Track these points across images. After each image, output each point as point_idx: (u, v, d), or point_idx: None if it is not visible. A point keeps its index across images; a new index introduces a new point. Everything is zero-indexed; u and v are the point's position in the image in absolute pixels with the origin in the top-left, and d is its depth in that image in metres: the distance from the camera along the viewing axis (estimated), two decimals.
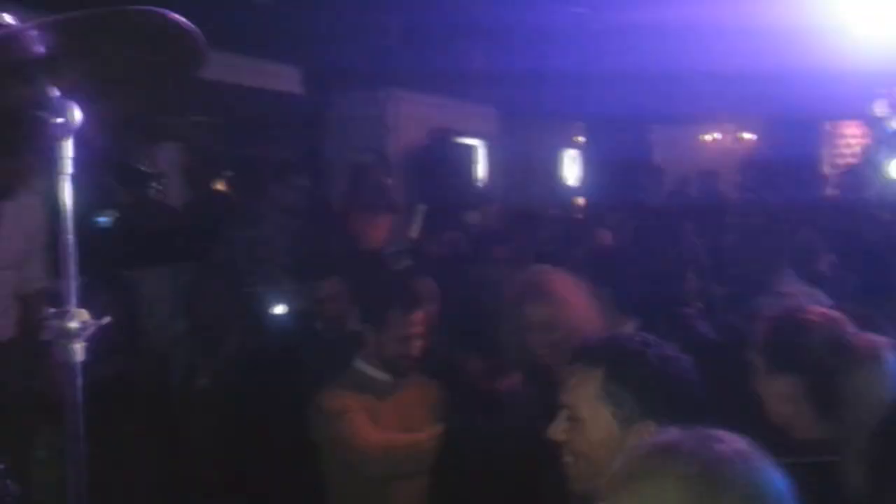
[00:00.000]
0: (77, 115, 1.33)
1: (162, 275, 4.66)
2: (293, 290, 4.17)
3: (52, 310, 1.33)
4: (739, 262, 4.10)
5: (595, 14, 6.95)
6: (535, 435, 2.46)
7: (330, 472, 2.72)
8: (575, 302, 2.52)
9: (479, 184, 7.86)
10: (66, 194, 1.32)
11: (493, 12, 6.73)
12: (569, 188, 9.39)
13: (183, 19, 1.26)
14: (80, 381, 1.35)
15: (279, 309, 4.19)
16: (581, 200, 8.68)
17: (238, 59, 5.38)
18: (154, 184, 5.55)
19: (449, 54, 7.14)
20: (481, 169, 8.06)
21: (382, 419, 2.60)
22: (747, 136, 9.55)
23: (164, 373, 3.76)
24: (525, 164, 8.75)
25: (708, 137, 9.76)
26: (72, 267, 1.33)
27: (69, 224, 1.31)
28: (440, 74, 7.10)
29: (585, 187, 8.97)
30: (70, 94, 1.33)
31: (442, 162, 6.89)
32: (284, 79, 6.24)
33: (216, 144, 5.97)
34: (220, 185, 5.69)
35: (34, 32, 1.26)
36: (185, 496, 3.58)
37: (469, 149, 7.72)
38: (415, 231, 5.03)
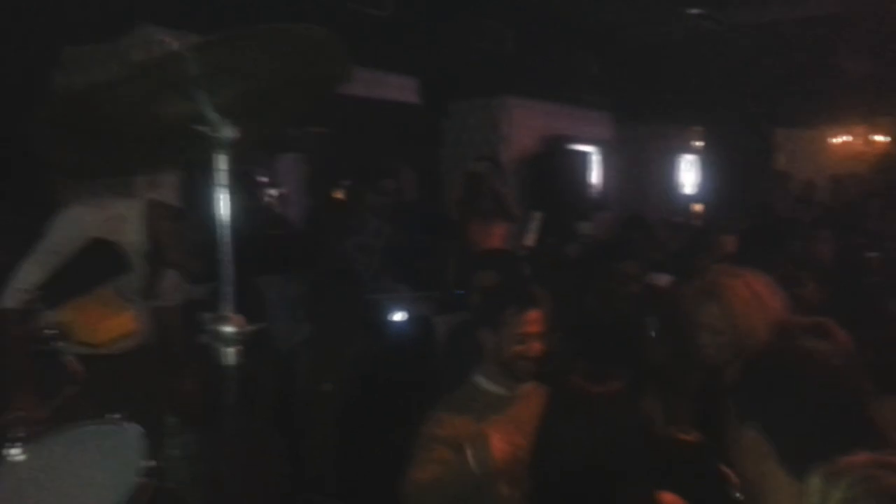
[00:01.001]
0: (231, 129, 1.40)
1: (286, 281, 4.83)
2: (414, 297, 4.23)
3: (209, 315, 1.40)
4: (878, 267, 3.89)
5: (713, 15, 6.76)
6: (637, 441, 2.44)
7: None
8: (752, 305, 2.42)
9: (595, 191, 7.75)
10: (223, 205, 1.39)
11: (607, 16, 6.66)
12: (686, 194, 9.13)
13: (334, 35, 1.30)
14: (234, 384, 1.40)
15: (400, 315, 4.26)
16: (699, 207, 8.42)
17: (356, 70, 5.51)
18: (275, 193, 5.78)
19: (563, 60, 7.10)
20: (597, 175, 7.95)
21: (493, 435, 2.59)
22: (880, 138, 9.01)
23: (288, 377, 3.87)
24: (641, 170, 8.58)
25: (836, 140, 9.28)
26: (228, 274, 1.39)
27: (226, 234, 1.37)
28: (555, 81, 7.06)
29: (704, 193, 8.70)
30: (225, 109, 1.40)
31: (557, 169, 6.83)
32: (401, 89, 6.35)
33: (335, 155, 6.14)
34: (339, 195, 5.84)
35: (192, 53, 1.33)
36: (306, 498, 3.67)
37: (584, 155, 7.63)
38: (530, 239, 5.00)
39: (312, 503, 3.71)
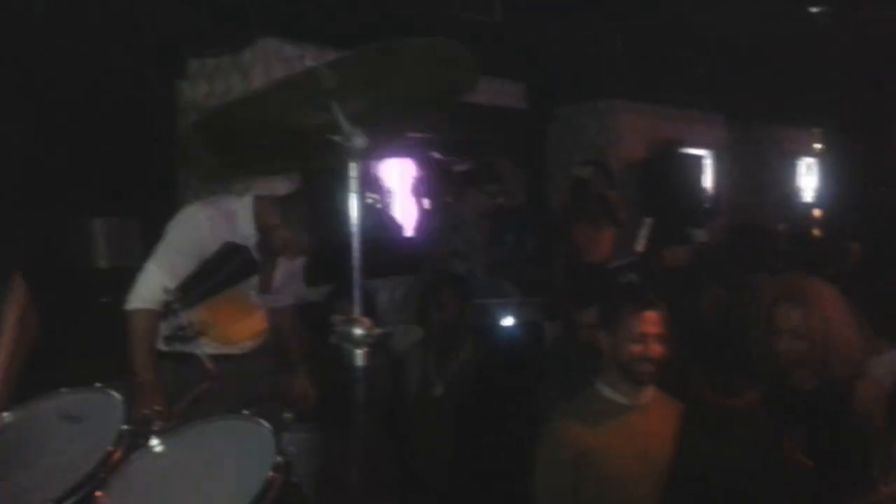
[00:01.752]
0: (363, 139, 1.46)
1: (396, 284, 4.92)
2: (523, 302, 4.23)
3: (339, 317, 1.45)
4: None
5: (834, 12, 6.46)
6: (778, 458, 2.37)
7: None
8: (831, 313, 2.39)
9: (708, 196, 7.55)
10: (356, 210, 1.44)
11: (720, 16, 6.47)
12: (805, 200, 8.79)
13: (462, 47, 1.34)
14: (363, 384, 1.45)
15: (510, 320, 4.27)
16: (819, 213, 8.08)
17: None
18: (381, 197, 5.87)
19: (674, 62, 6.95)
20: (710, 180, 7.75)
21: (616, 443, 2.56)
22: None
23: (399, 380, 3.94)
24: (757, 175, 8.30)
25: None
26: (358, 277, 1.44)
27: (358, 237, 1.43)
28: (665, 83, 6.92)
29: (824, 199, 8.34)
30: (357, 119, 1.46)
31: (667, 173, 6.69)
32: (508, 94, 6.36)
33: (448, 159, 6.20)
34: (448, 199, 5.89)
35: (329, 68, 1.40)
36: (414, 500, 3.73)
37: (696, 159, 7.45)
38: (640, 245, 4.92)
39: None
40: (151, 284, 2.57)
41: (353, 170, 1.45)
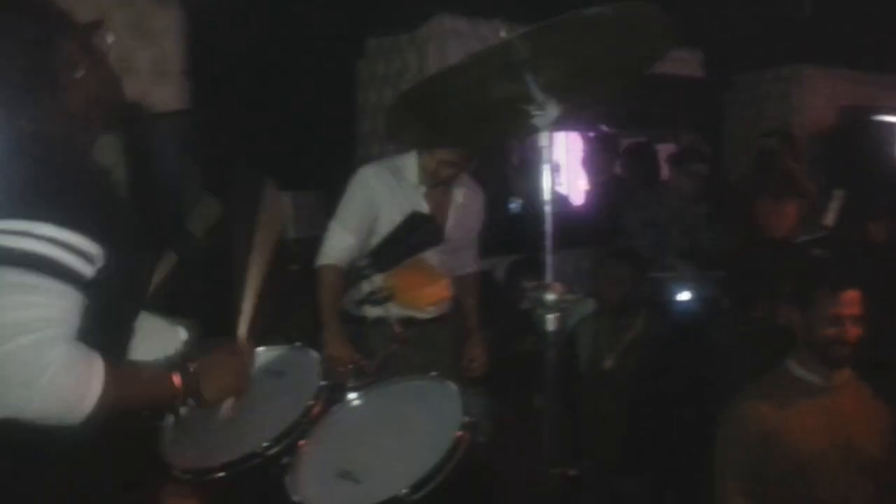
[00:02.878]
0: (555, 109, 1.48)
1: (566, 257, 4.91)
2: (699, 278, 4.11)
3: (532, 283, 1.49)
4: None
5: None
6: None
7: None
8: None
9: None
10: (547, 180, 1.47)
11: None
12: None
13: (659, 9, 1.32)
14: (554, 350, 1.49)
15: (684, 295, 4.17)
16: None
17: None
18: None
19: (866, 21, 6.43)
20: None
21: (807, 424, 2.45)
22: None
23: (572, 352, 3.96)
24: None
25: None
26: (549, 243, 1.47)
27: (549, 207, 1.46)
28: (855, 45, 6.42)
29: None
30: (550, 89, 1.48)
31: (860, 142, 6.23)
32: (684, 62, 6.15)
33: (616, 131, 6.09)
34: (619, 171, 5.79)
35: (523, 40, 1.43)
36: (588, 472, 3.73)
37: (891, 127, 6.89)
38: (830, 219, 4.63)
39: (588, 477, 3.77)
40: (334, 241, 2.84)
41: (545, 140, 1.48)
